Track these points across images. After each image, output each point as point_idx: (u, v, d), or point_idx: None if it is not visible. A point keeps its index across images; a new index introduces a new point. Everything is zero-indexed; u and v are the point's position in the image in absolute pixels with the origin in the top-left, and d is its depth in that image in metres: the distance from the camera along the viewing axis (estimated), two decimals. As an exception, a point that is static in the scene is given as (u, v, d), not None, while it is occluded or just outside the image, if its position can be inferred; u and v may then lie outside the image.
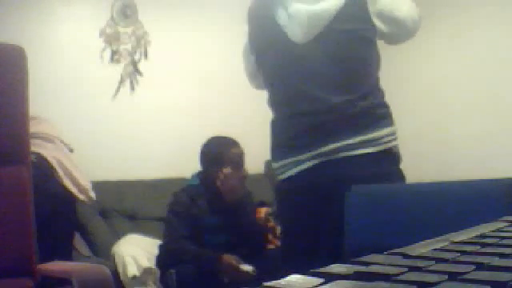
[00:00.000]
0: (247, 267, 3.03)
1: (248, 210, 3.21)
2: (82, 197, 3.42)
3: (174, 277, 3.04)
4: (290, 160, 1.97)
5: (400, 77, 5.11)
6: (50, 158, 3.28)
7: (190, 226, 3.08)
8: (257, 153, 4.43)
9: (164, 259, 3.16)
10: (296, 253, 2.00)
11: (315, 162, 1.94)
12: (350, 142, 1.93)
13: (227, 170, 3.13)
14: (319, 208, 1.97)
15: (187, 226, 3.08)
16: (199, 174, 3.27)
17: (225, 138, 3.27)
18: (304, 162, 1.95)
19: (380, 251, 0.71)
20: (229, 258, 3.00)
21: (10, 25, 3.69)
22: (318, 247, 1.98)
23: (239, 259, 3.03)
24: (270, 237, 3.69)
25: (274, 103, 2.06)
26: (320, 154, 1.93)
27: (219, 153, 3.19)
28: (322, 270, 0.60)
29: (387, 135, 2.01)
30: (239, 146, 3.24)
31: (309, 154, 1.94)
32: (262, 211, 3.80)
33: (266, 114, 2.08)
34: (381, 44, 2.07)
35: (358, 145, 1.94)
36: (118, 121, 4.04)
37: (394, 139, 2.05)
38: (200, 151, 3.27)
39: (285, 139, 1.99)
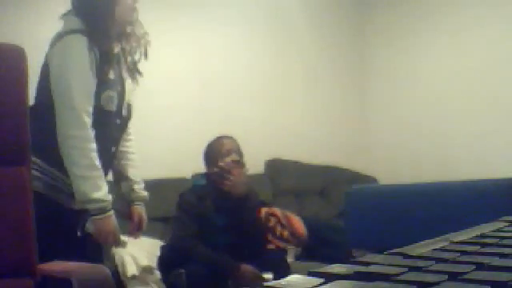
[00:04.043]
0: (268, 275, 3.04)
1: (251, 207, 3.23)
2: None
3: (183, 277, 3.03)
4: None
5: (400, 77, 5.11)
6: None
7: (197, 226, 3.09)
8: (257, 153, 4.43)
9: (171, 258, 3.15)
10: None
11: None
12: None
13: (224, 162, 3.16)
14: None
15: (195, 225, 3.09)
16: (205, 174, 3.28)
17: (220, 135, 3.31)
18: None
19: (380, 251, 0.71)
20: (248, 267, 3.01)
21: (10, 25, 3.69)
22: None
23: (254, 268, 3.04)
24: (270, 237, 3.69)
25: None
26: None
27: (210, 145, 3.27)
28: (322, 269, 0.60)
29: None
30: (231, 137, 3.28)
31: None
32: (262, 211, 3.80)
33: (266, 115, 2.09)
34: (381, 44, 2.07)
35: None
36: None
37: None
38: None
39: None
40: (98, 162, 2.28)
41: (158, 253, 3.29)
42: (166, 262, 3.19)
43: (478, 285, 0.55)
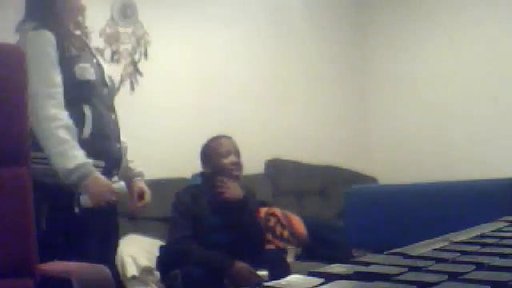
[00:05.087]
0: (263, 272, 3.03)
1: (249, 210, 3.20)
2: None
3: (179, 278, 3.02)
4: None
5: (400, 76, 5.11)
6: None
7: (192, 226, 3.08)
8: (257, 153, 4.43)
9: (168, 259, 3.15)
10: None
11: None
12: None
13: (223, 164, 3.16)
14: None
15: (190, 226, 3.08)
16: (201, 174, 3.27)
17: (218, 135, 3.30)
18: None
19: (380, 251, 0.71)
20: (243, 265, 3.00)
21: (10, 25, 3.69)
22: None
23: (249, 266, 3.03)
24: (270, 237, 3.70)
25: None
26: None
27: (208, 144, 3.26)
28: (322, 269, 0.60)
29: None
30: (229, 137, 3.27)
31: None
32: (262, 211, 3.80)
33: (266, 115, 2.08)
34: (381, 44, 2.07)
35: None
36: (118, 121, 4.04)
37: None
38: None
39: None
40: (65, 135, 2.28)
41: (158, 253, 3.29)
42: (164, 263, 3.19)
43: (477, 285, 0.55)
